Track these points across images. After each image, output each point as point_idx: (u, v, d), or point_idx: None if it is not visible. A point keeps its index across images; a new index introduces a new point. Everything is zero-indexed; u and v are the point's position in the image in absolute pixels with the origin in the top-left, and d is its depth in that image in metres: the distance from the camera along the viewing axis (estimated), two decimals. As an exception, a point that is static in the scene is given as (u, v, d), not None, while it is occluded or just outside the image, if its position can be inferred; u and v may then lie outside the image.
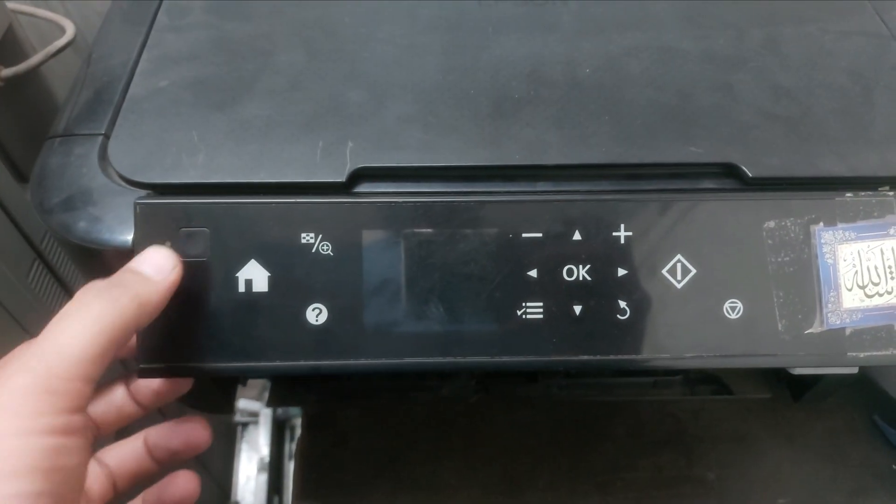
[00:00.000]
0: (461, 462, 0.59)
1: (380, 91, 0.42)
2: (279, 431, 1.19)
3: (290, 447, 1.20)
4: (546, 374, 0.58)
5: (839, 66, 0.44)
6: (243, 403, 1.24)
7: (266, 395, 1.22)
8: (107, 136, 0.40)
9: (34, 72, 0.65)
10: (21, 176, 0.66)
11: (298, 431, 1.20)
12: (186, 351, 0.36)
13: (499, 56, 0.45)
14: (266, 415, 1.18)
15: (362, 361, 0.36)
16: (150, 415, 0.39)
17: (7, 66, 0.63)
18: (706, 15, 0.48)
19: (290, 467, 1.17)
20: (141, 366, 0.36)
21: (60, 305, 0.62)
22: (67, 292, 0.64)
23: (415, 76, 0.43)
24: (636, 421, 0.60)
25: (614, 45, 0.45)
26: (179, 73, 0.43)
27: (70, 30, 0.67)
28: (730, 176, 0.39)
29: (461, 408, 0.61)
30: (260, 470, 1.13)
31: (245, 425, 1.20)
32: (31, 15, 0.70)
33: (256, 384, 1.31)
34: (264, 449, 1.15)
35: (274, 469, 1.13)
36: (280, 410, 1.20)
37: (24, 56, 0.65)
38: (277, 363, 0.36)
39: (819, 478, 0.59)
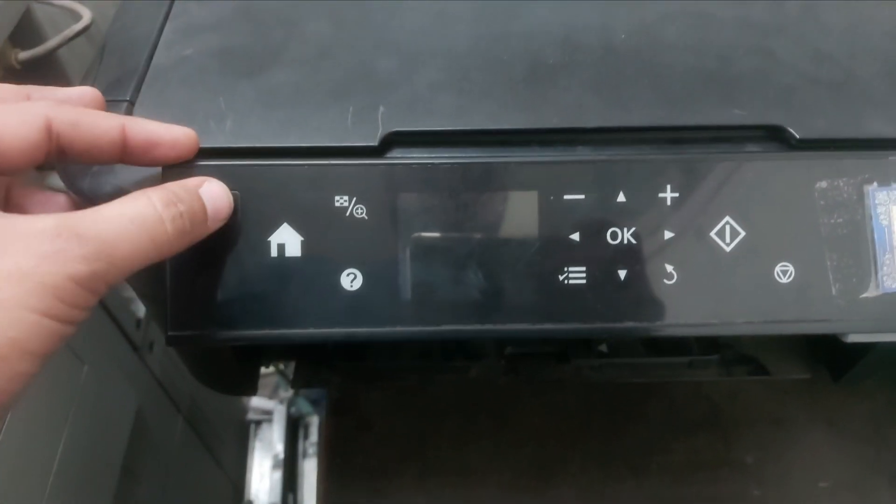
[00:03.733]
0: (490, 446, 0.57)
1: (409, 56, 0.41)
2: (293, 429, 1.18)
3: (305, 445, 1.19)
4: (578, 353, 0.57)
5: (879, 30, 0.43)
6: (256, 402, 1.23)
7: (280, 392, 1.21)
8: (131, 103, 0.39)
9: (50, 57, 0.65)
10: (37, 163, 0.65)
11: (313, 429, 1.19)
12: (217, 318, 0.35)
13: (531, 22, 0.43)
14: (280, 412, 1.17)
15: (398, 329, 0.35)
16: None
17: (24, 49, 0.63)
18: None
19: (304, 465, 1.16)
20: (170, 333, 0.34)
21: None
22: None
23: (444, 42, 0.42)
24: (670, 403, 0.59)
25: (649, 11, 0.44)
26: (204, 43, 0.42)
27: (87, 16, 0.67)
28: (775, 139, 0.38)
29: (489, 390, 0.59)
30: (274, 467, 1.12)
31: (258, 423, 1.19)
32: (48, 3, 0.69)
33: (269, 383, 1.30)
34: (278, 446, 1.13)
35: (288, 467, 1.12)
36: (294, 408, 1.19)
37: (40, 41, 0.65)
38: (311, 330, 0.35)
39: (860, 461, 0.57)
